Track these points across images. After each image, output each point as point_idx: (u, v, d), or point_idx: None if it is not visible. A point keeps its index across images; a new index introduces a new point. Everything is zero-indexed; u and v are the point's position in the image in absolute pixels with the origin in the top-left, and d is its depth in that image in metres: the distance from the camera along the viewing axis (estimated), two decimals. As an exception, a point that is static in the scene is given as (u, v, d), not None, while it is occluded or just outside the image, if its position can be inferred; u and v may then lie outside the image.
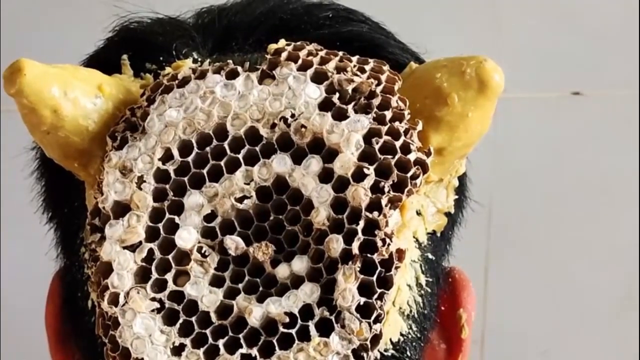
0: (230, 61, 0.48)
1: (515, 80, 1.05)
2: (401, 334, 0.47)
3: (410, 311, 0.48)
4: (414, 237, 0.48)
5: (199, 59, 0.52)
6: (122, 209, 0.46)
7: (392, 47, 0.53)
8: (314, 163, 0.45)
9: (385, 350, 0.46)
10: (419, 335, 0.49)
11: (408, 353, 0.48)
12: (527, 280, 1.11)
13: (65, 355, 0.54)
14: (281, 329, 0.43)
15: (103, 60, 0.52)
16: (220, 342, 0.43)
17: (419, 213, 0.48)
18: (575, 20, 1.07)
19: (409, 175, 0.44)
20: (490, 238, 1.10)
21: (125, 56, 0.52)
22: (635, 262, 1.10)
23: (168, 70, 0.51)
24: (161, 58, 0.52)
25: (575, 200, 1.10)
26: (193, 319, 0.44)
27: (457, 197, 0.50)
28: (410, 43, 0.55)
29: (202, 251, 0.45)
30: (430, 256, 0.49)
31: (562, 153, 1.10)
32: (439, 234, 0.50)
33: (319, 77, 0.46)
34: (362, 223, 0.44)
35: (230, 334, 0.43)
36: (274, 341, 0.43)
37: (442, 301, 0.53)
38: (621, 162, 1.09)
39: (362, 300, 0.43)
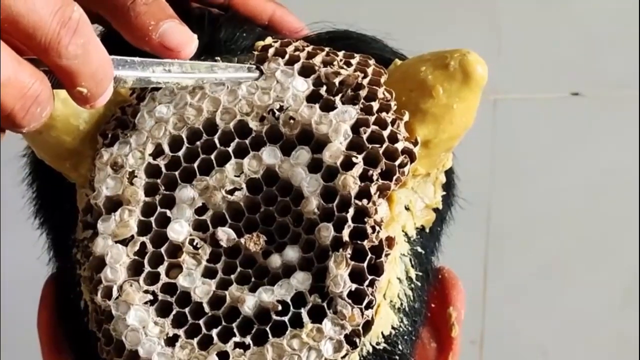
0: (218, 58, 0.48)
1: (514, 81, 1.06)
2: (393, 328, 0.47)
3: (401, 304, 0.48)
4: (403, 231, 0.48)
5: None
6: (114, 204, 0.46)
7: (376, 44, 0.54)
8: (304, 154, 0.45)
9: (377, 343, 0.46)
10: (410, 329, 0.49)
11: (400, 347, 0.48)
12: (527, 280, 1.11)
13: None
14: (274, 317, 0.43)
15: None
16: (214, 332, 0.43)
17: (407, 208, 0.48)
18: (574, 20, 1.07)
19: (396, 163, 0.44)
20: (490, 238, 1.10)
21: None
22: (635, 262, 1.10)
23: None
24: None
25: (574, 200, 1.10)
26: (186, 310, 0.44)
27: (444, 193, 0.50)
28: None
29: (194, 243, 0.45)
30: (419, 250, 0.49)
31: (562, 153, 1.09)
32: (427, 230, 0.50)
33: (306, 71, 0.47)
34: (351, 211, 0.44)
35: (224, 323, 0.44)
36: (267, 329, 0.43)
37: (432, 299, 0.53)
38: (621, 162, 1.09)
39: (354, 286, 0.43)
